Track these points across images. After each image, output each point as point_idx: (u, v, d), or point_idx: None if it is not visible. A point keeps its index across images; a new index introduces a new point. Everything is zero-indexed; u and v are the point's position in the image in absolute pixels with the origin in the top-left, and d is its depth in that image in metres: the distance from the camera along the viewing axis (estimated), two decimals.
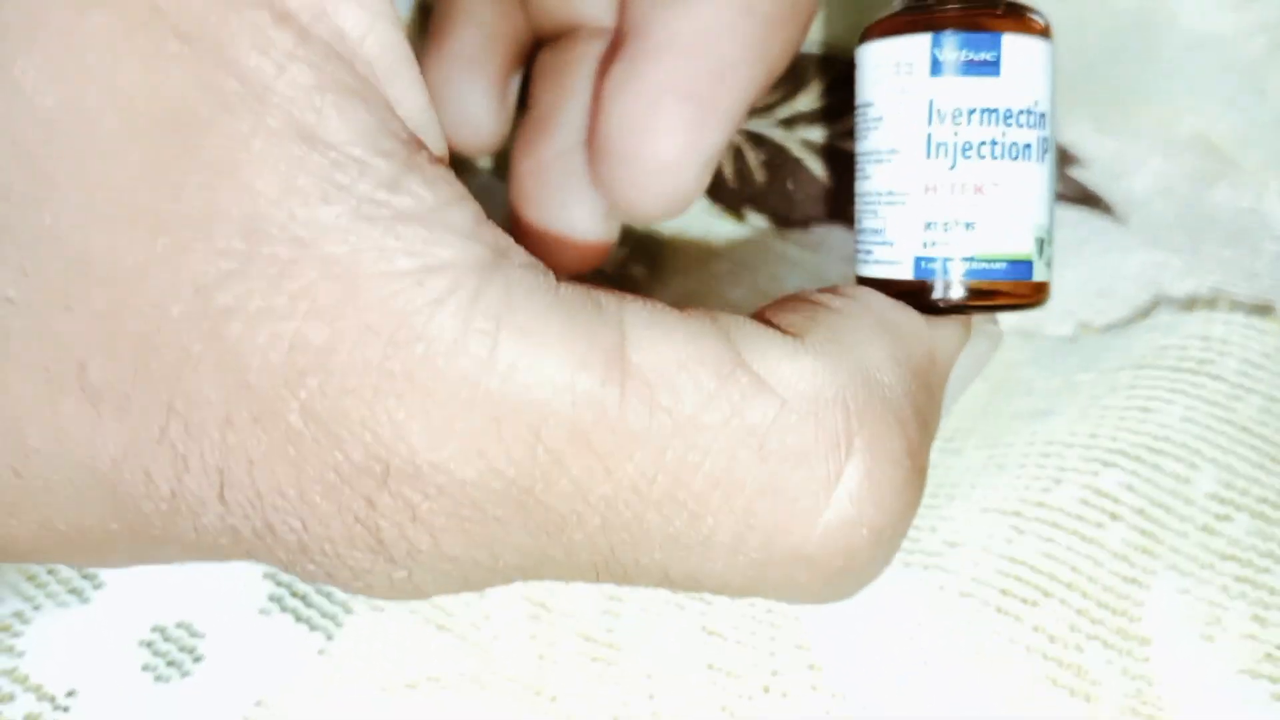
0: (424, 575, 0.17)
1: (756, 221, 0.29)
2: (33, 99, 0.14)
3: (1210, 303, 0.25)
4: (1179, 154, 0.29)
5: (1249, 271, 0.27)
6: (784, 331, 0.18)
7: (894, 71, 0.20)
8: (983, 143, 0.19)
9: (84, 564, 0.19)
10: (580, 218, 0.23)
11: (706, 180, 0.22)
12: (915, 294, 0.20)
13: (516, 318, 0.16)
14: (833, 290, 0.19)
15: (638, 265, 0.28)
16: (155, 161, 0.15)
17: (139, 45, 0.14)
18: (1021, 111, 0.19)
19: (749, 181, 0.29)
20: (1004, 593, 0.21)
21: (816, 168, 0.29)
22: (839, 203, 0.29)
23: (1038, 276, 0.20)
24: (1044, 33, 0.20)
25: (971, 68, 0.19)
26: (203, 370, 0.15)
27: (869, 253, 0.21)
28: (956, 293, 0.20)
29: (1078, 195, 0.29)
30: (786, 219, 0.29)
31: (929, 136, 0.19)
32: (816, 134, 0.30)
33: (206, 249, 0.15)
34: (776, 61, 0.21)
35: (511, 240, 0.17)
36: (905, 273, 0.20)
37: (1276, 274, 0.27)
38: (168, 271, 0.15)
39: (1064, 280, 0.27)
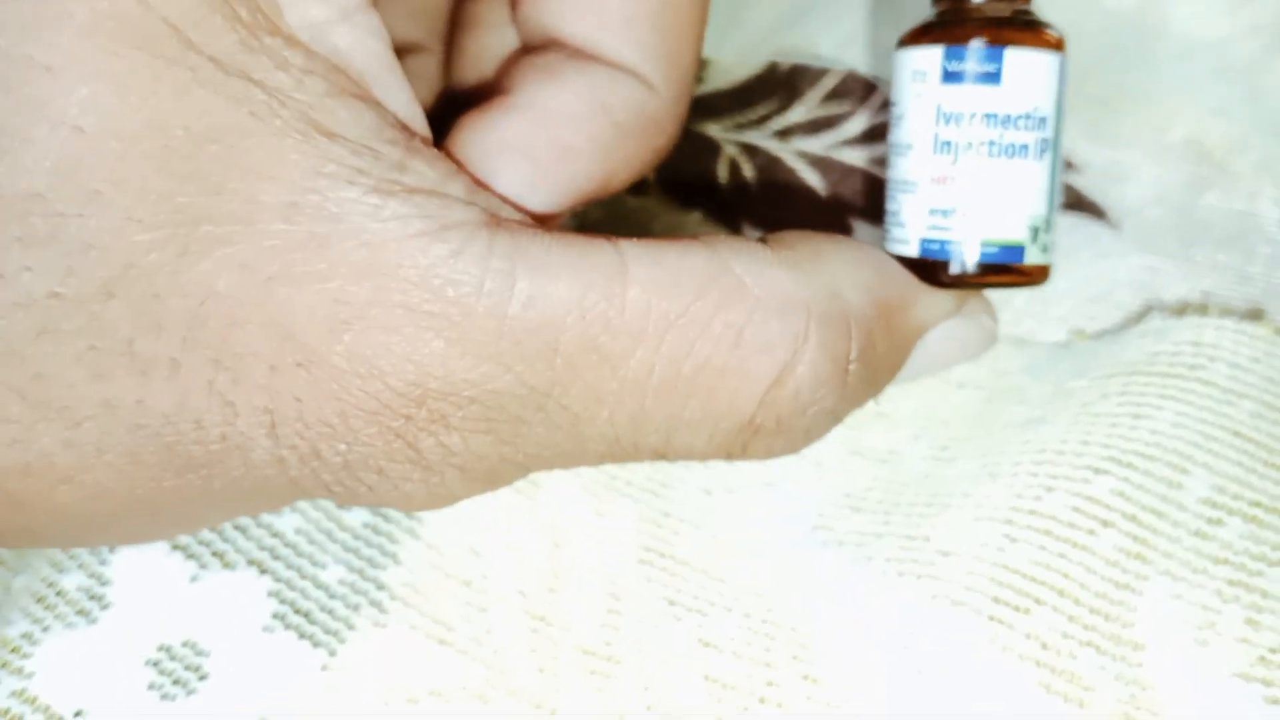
0: (455, 477, 0.20)
1: (752, 233, 0.29)
2: (78, 126, 0.16)
3: (1201, 308, 0.26)
4: (1173, 159, 0.30)
5: (1242, 275, 0.27)
6: (769, 246, 0.21)
7: (912, 77, 0.22)
8: (982, 143, 0.22)
9: (123, 537, 0.21)
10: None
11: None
12: (920, 269, 0.22)
13: (527, 257, 0.18)
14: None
15: None
16: (195, 168, 0.17)
17: (174, 75, 0.17)
18: (1020, 116, 0.22)
19: (744, 193, 0.29)
20: (996, 600, 0.22)
21: (812, 178, 0.29)
22: (833, 213, 0.29)
23: (1030, 260, 0.22)
24: (1054, 45, 0.22)
25: (976, 77, 0.22)
26: (248, 329, 0.18)
27: (889, 231, 0.23)
28: (955, 270, 0.22)
29: (1071, 201, 0.29)
30: (781, 230, 0.29)
31: (936, 135, 0.22)
32: (811, 145, 0.30)
33: (249, 231, 0.17)
34: (619, 168, 0.22)
35: (500, 202, 0.20)
36: (912, 251, 0.22)
37: (1270, 277, 0.27)
38: (212, 255, 0.17)
39: (1057, 286, 0.27)
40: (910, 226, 0.22)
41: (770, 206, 0.29)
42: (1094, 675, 0.21)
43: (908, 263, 0.22)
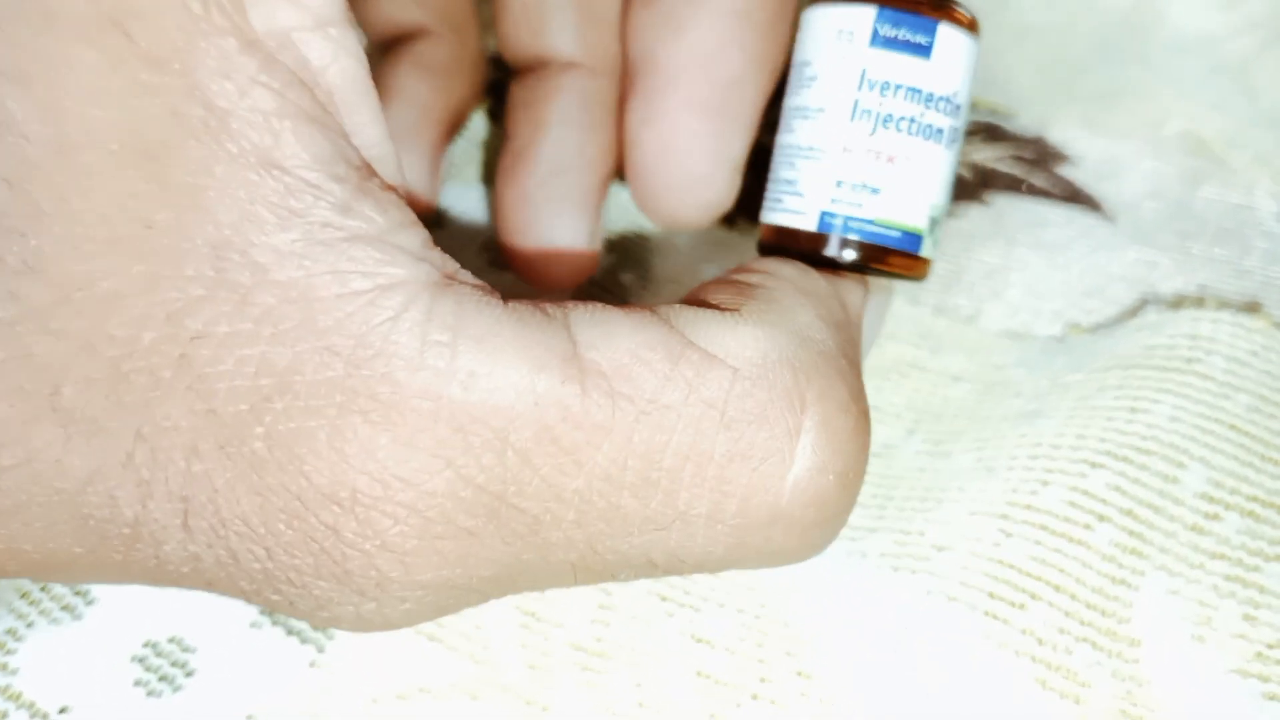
0: (394, 605, 0.17)
1: (745, 225, 0.29)
2: (24, 133, 0.15)
3: (1198, 301, 0.25)
4: (1169, 153, 0.29)
5: (1239, 269, 0.27)
6: (720, 309, 0.18)
7: (835, 36, 0.21)
8: (902, 118, 0.20)
9: (45, 581, 0.19)
10: (568, 237, 0.24)
11: (738, 183, 0.24)
12: (812, 246, 0.21)
13: (471, 328, 0.16)
14: (745, 268, 0.20)
15: (626, 273, 0.28)
16: (131, 191, 0.15)
17: (116, 80, 0.15)
18: (941, 98, 0.20)
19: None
20: (992, 596, 0.21)
21: None
22: None
23: (924, 252, 0.21)
24: (973, 28, 0.21)
25: (906, 46, 0.20)
26: (172, 397, 0.16)
27: (779, 200, 0.21)
28: (850, 251, 0.21)
29: (1067, 194, 0.29)
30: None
31: (856, 102, 0.20)
32: None
33: (177, 276, 0.15)
34: (777, 61, 0.23)
35: (457, 264, 0.17)
36: (809, 224, 0.21)
37: (1266, 271, 0.27)
38: (143, 299, 0.15)
39: (1053, 279, 0.27)
40: (810, 197, 0.21)
41: (762, 192, 0.29)
42: (1090, 671, 0.21)
43: (799, 236, 0.21)
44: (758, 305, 0.19)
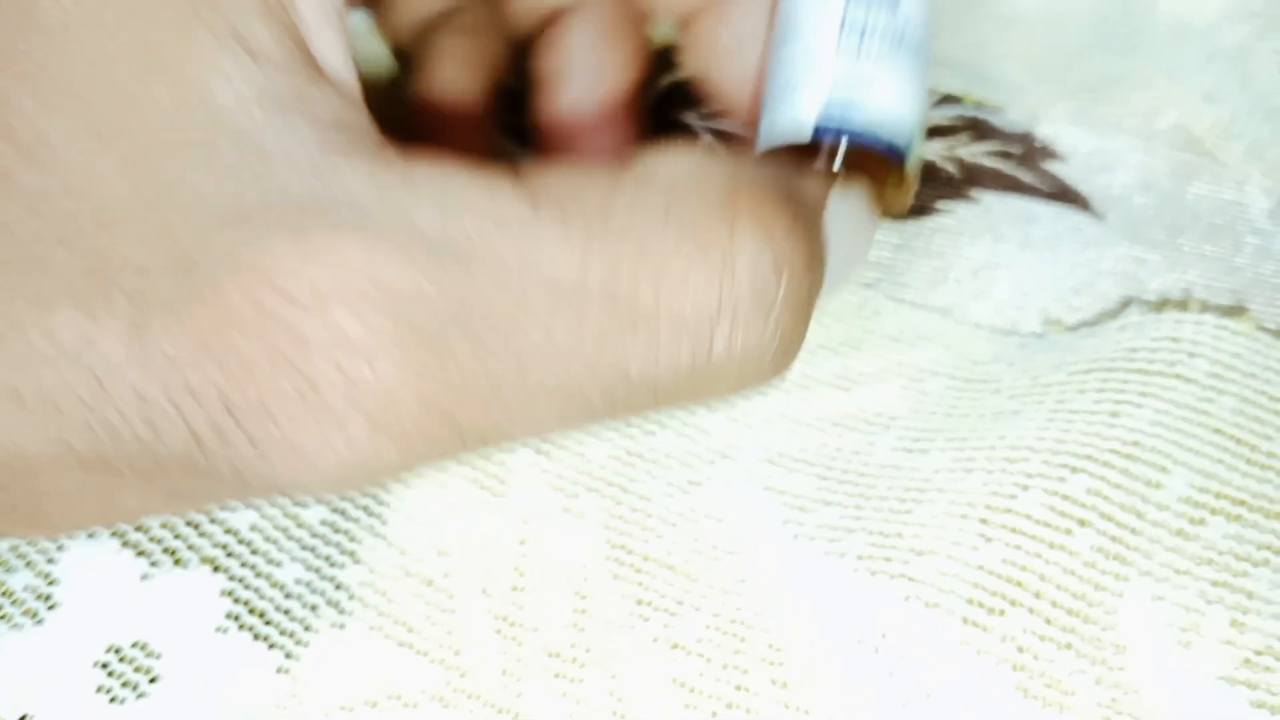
0: (362, 431, 0.16)
1: None
2: (49, 12, 0.17)
3: (1181, 304, 0.25)
4: (1159, 147, 0.29)
5: (1229, 266, 0.26)
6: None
7: None
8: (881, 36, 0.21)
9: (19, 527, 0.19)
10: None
11: None
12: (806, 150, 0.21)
13: (423, 162, 0.17)
14: None
15: None
16: (124, 41, 0.17)
17: None
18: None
19: None
20: (970, 602, 0.21)
21: None
22: None
23: (910, 165, 0.21)
24: None
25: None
26: (132, 235, 0.16)
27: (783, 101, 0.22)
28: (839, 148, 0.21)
29: (1056, 190, 0.28)
30: None
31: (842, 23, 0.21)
32: None
33: (139, 124, 0.17)
34: None
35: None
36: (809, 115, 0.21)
37: (1258, 268, 0.26)
38: (110, 146, 0.17)
39: (1040, 276, 0.26)
40: (804, 106, 0.21)
41: None
42: (1073, 679, 0.20)
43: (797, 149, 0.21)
44: (707, 149, 0.19)
